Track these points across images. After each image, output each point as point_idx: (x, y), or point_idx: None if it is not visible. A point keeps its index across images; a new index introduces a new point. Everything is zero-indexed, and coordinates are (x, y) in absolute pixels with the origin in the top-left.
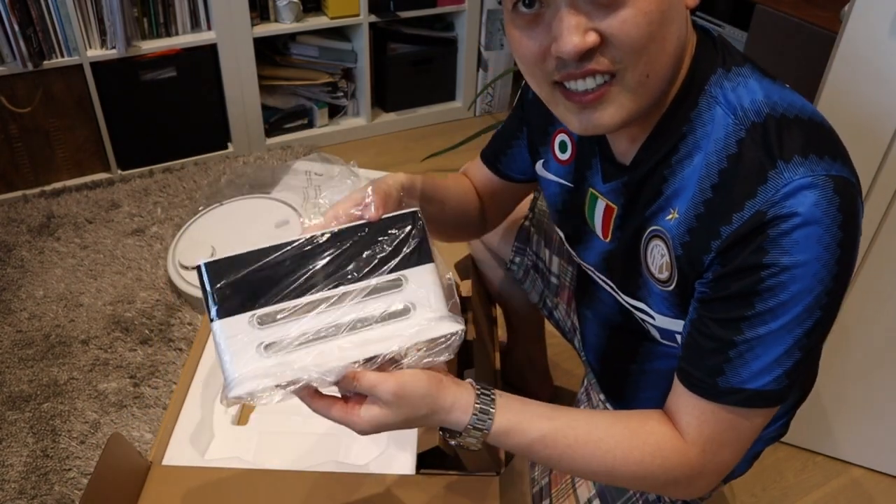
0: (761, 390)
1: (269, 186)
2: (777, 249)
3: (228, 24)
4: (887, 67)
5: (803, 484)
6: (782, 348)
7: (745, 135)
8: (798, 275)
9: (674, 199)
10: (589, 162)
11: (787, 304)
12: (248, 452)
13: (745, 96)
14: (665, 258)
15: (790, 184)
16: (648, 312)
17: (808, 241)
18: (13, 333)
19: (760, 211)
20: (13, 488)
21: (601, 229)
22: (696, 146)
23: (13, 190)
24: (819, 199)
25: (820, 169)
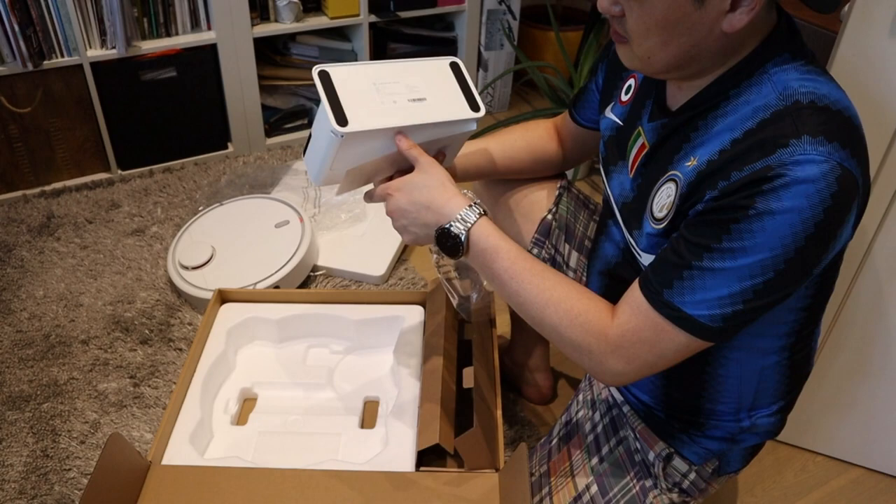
0: (694, 317)
1: (269, 186)
2: (761, 198)
3: (228, 24)
4: (887, 67)
5: (803, 484)
6: (727, 290)
7: (782, 109)
8: (767, 226)
9: (698, 148)
10: (644, 102)
11: (747, 249)
12: (247, 452)
13: (795, 81)
14: (670, 198)
15: (805, 154)
16: (638, 251)
17: (790, 201)
18: (13, 333)
19: (769, 166)
20: (13, 488)
21: (631, 163)
22: (735, 108)
23: (13, 190)
24: (819, 177)
25: (837, 155)
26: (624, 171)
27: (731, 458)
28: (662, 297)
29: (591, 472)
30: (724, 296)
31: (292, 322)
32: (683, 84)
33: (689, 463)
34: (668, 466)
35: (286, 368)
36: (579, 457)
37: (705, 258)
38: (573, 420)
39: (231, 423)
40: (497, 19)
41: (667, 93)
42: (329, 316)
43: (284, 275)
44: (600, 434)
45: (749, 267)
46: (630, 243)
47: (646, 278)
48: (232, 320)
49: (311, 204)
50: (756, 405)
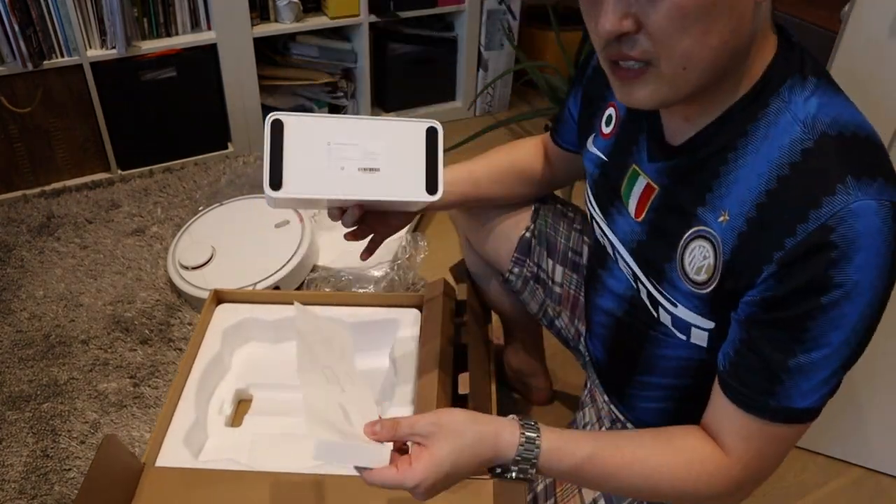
0: (809, 408)
1: None
2: (838, 272)
3: (228, 24)
4: (887, 67)
5: (803, 484)
6: (829, 371)
7: (812, 145)
8: (854, 298)
9: (725, 198)
10: (635, 138)
11: (841, 328)
12: (242, 454)
13: (815, 108)
14: (708, 261)
15: (859, 201)
16: (672, 302)
17: (867, 265)
18: (13, 333)
19: (826, 226)
20: (13, 488)
21: (635, 207)
22: (757, 148)
23: (13, 190)
24: (882, 224)
25: (887, 195)
26: (625, 215)
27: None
28: (769, 405)
29: None
30: (829, 375)
31: (288, 323)
32: (688, 114)
33: None
34: None
35: (281, 370)
36: None
37: (800, 353)
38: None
39: (226, 425)
40: (497, 19)
41: (664, 126)
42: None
43: (284, 275)
44: None
45: (846, 340)
46: (652, 293)
47: (737, 394)
48: (228, 321)
49: None
50: None
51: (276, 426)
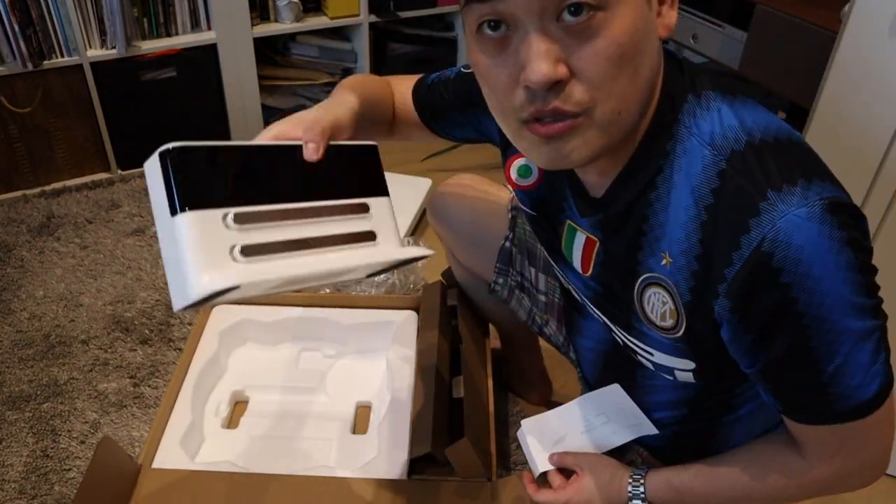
0: (873, 396)
1: None
2: (803, 297)
3: (228, 24)
4: (887, 67)
5: None
6: (867, 358)
7: (725, 166)
8: (834, 307)
9: (661, 241)
10: (562, 193)
11: (844, 332)
12: (238, 456)
13: (718, 124)
14: (668, 305)
15: (786, 216)
16: (647, 350)
17: (827, 272)
18: (13, 333)
19: (762, 251)
20: (13, 488)
21: (581, 263)
22: (675, 182)
23: (13, 190)
24: (821, 228)
25: (812, 195)
26: (575, 271)
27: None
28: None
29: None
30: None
31: (285, 325)
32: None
33: None
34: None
35: (278, 372)
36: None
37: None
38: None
39: (222, 427)
40: None
41: (582, 181)
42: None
43: None
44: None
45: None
46: (626, 342)
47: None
48: (224, 322)
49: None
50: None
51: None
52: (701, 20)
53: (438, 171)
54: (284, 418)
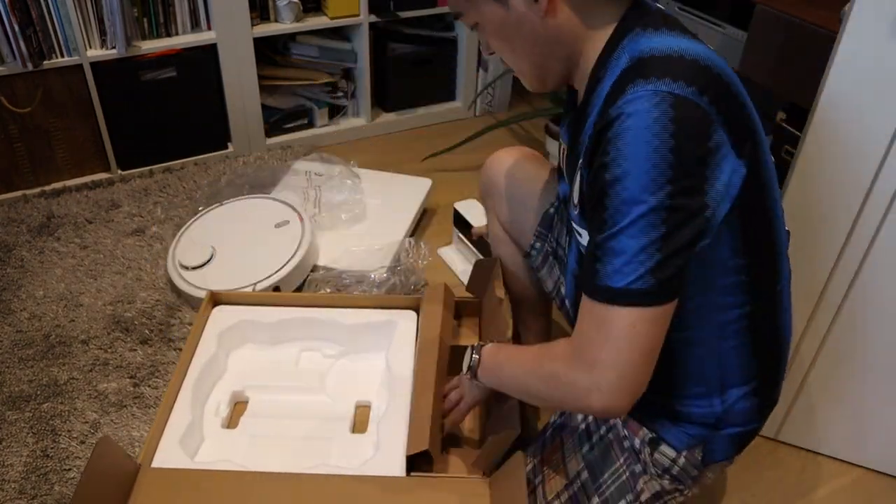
0: (626, 288)
1: (269, 186)
2: (612, 147)
3: (228, 24)
4: (887, 67)
5: (803, 484)
6: (637, 246)
7: (627, 67)
8: (631, 171)
9: (585, 125)
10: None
11: (628, 202)
12: (237, 455)
13: (646, 44)
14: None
15: (635, 94)
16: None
17: (635, 138)
18: (13, 333)
19: (610, 116)
20: (13, 488)
21: (565, 173)
22: (602, 85)
23: (13, 190)
24: (651, 107)
25: (664, 86)
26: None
27: (717, 447)
28: (596, 285)
29: (581, 459)
30: (637, 251)
31: (284, 325)
32: (577, 84)
33: (676, 449)
34: (655, 452)
35: (278, 372)
36: (571, 444)
37: (605, 228)
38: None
39: (222, 426)
40: None
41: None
42: (322, 320)
43: (284, 275)
44: (591, 422)
45: (640, 218)
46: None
47: (580, 281)
48: (224, 323)
49: (311, 204)
50: (725, 386)
51: (272, 428)
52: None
53: (438, 171)
54: (284, 418)
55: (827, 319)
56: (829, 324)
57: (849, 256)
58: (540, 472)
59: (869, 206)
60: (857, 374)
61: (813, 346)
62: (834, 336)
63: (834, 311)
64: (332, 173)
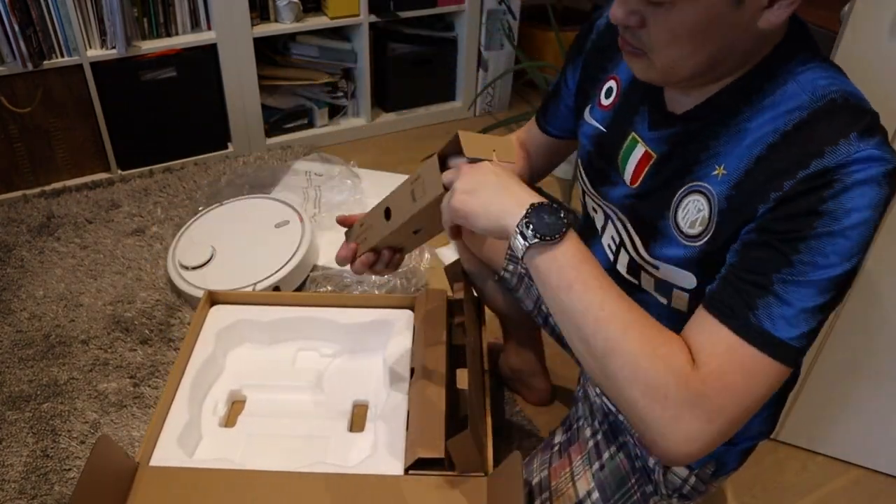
0: (785, 342)
1: (269, 186)
2: (835, 202)
3: (228, 24)
4: (887, 67)
5: (803, 484)
6: (811, 304)
7: (818, 107)
8: (846, 232)
9: (722, 156)
10: (636, 108)
11: (829, 257)
12: (235, 454)
13: (823, 80)
14: (702, 213)
15: (864, 151)
16: (653, 263)
17: (864, 199)
18: (13, 333)
19: (828, 167)
20: (13, 488)
21: (631, 174)
22: (762, 112)
23: (13, 190)
24: (881, 177)
25: (888, 153)
26: (620, 183)
27: (728, 460)
28: (750, 321)
29: (592, 479)
30: (809, 309)
31: (282, 325)
32: (693, 89)
33: (689, 468)
34: (668, 472)
35: (275, 371)
36: (580, 463)
37: (785, 272)
38: (573, 426)
39: (219, 425)
40: (497, 19)
41: (665, 97)
42: (319, 319)
43: (284, 275)
44: (601, 440)
45: (830, 280)
46: (634, 258)
47: (720, 304)
48: (221, 322)
49: (311, 204)
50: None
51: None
52: None
53: None
54: (281, 417)
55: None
56: (829, 324)
57: None
58: (547, 488)
59: None
60: (857, 374)
61: (813, 347)
62: (834, 337)
63: (834, 311)
64: (332, 173)
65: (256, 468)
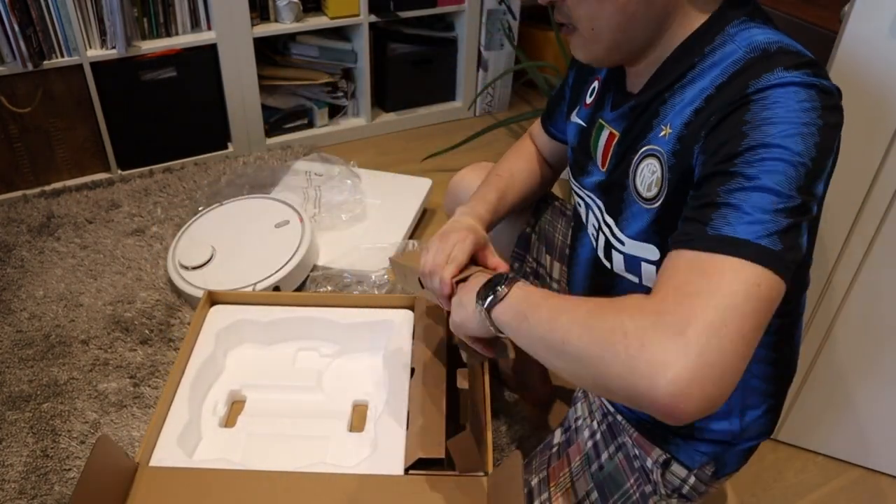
0: (749, 240)
1: (269, 186)
2: (757, 106)
3: (228, 24)
4: (887, 67)
5: (803, 484)
6: (771, 206)
7: (752, 58)
8: (778, 132)
9: (668, 116)
10: (604, 97)
11: (770, 162)
12: (235, 454)
13: (760, 35)
14: (656, 174)
15: (784, 76)
16: (620, 239)
17: (786, 97)
18: (13, 333)
19: (748, 92)
20: (13, 488)
21: (601, 158)
22: (703, 73)
23: (13, 190)
24: (806, 92)
25: (814, 77)
26: (594, 169)
27: (728, 461)
28: (707, 233)
29: (591, 479)
30: (768, 210)
31: (281, 325)
32: (641, 67)
33: (688, 468)
34: (666, 472)
35: (275, 371)
36: (579, 463)
37: (730, 185)
38: (572, 427)
39: (219, 426)
40: (497, 19)
41: (626, 81)
42: (318, 319)
43: (284, 275)
44: (599, 441)
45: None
46: (608, 238)
47: (677, 236)
48: (221, 322)
49: (311, 204)
50: (745, 407)
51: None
52: None
53: (438, 171)
54: (281, 417)
55: (827, 320)
56: (829, 324)
57: (849, 257)
58: (546, 489)
59: (869, 206)
60: (857, 374)
61: (813, 347)
62: (833, 337)
63: (834, 312)
64: (332, 173)
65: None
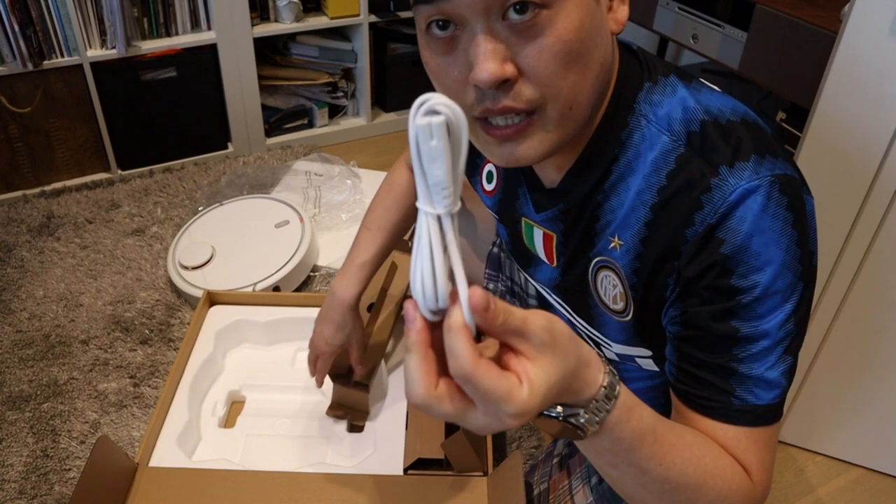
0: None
1: (269, 186)
2: (740, 267)
3: (228, 24)
4: (887, 67)
5: (803, 484)
6: (777, 358)
7: (683, 150)
8: (768, 286)
9: (612, 225)
10: (515, 192)
11: (767, 315)
12: (235, 454)
13: (676, 108)
14: (618, 289)
15: (736, 190)
16: (605, 341)
17: (766, 249)
18: (13, 333)
19: (712, 225)
20: (13, 488)
21: (545, 255)
22: (630, 168)
23: (13, 190)
24: (766, 202)
25: (764, 170)
26: (544, 266)
27: None
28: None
29: (591, 492)
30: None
31: (280, 325)
32: (558, 158)
33: None
34: None
35: (274, 371)
36: (579, 475)
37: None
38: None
39: (219, 426)
40: None
41: (539, 176)
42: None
43: (284, 275)
44: None
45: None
46: (589, 335)
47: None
48: (220, 322)
49: (311, 204)
50: None
51: (269, 427)
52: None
53: None
54: (281, 417)
55: (827, 320)
56: (829, 324)
57: (849, 257)
58: (546, 501)
59: (869, 206)
60: (857, 374)
61: (813, 347)
62: (834, 337)
63: (834, 312)
64: (332, 173)
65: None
